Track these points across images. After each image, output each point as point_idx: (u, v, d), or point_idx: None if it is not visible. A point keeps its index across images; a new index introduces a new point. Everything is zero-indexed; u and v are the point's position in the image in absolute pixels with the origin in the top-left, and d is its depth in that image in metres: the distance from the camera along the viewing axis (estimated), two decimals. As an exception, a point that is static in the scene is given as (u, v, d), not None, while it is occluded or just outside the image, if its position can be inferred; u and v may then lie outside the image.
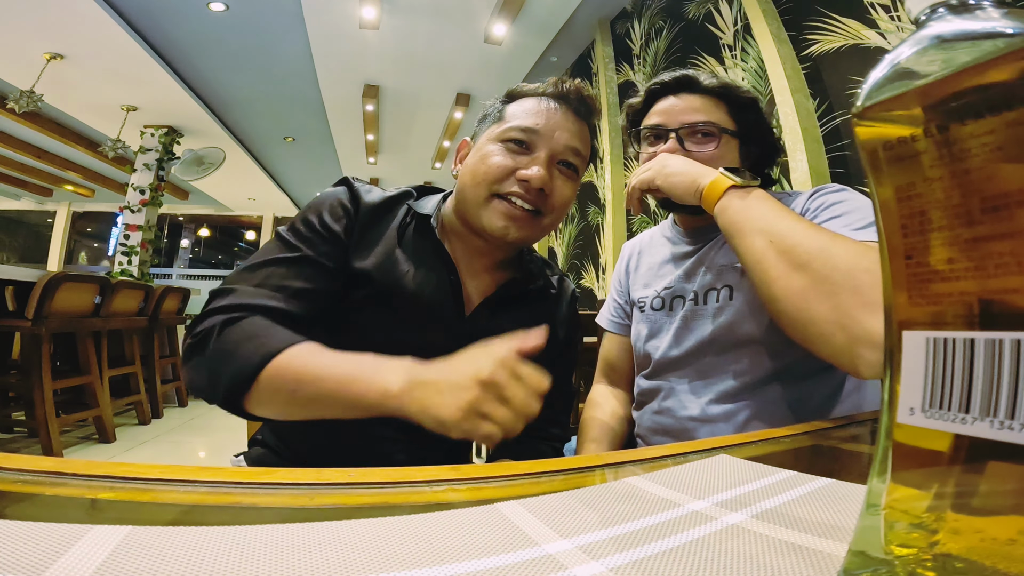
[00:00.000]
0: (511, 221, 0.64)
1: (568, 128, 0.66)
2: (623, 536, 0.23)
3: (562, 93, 0.68)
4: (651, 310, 0.82)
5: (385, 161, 6.39)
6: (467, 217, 0.67)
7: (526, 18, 3.33)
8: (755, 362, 0.70)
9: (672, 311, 0.79)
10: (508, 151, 0.65)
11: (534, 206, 0.64)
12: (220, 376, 0.51)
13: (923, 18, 0.19)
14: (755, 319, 0.70)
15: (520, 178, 0.63)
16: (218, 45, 3.83)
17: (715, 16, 2.33)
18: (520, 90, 0.70)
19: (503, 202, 0.64)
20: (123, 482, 0.30)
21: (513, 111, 0.67)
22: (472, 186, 0.65)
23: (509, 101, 0.70)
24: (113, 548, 0.19)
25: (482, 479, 0.34)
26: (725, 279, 0.74)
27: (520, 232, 0.65)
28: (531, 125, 0.65)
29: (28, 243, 9.61)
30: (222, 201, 8.52)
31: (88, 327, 2.51)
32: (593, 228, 3.42)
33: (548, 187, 0.64)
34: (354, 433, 0.65)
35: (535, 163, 0.64)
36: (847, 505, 0.26)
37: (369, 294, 0.64)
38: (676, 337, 0.77)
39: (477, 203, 0.65)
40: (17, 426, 2.54)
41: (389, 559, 0.20)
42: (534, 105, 0.67)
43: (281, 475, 0.32)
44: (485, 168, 0.64)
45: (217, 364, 0.52)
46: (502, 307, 0.70)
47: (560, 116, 0.66)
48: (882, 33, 1.53)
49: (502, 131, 0.66)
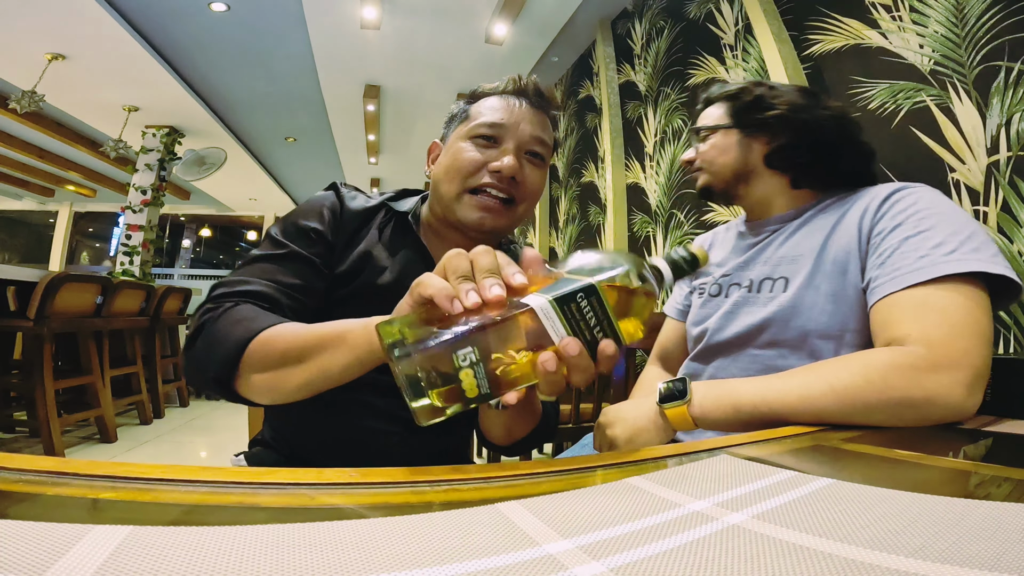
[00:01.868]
0: (486, 212, 0.67)
1: (531, 120, 0.70)
2: (624, 536, 0.23)
3: (521, 88, 0.72)
4: (708, 296, 0.85)
5: (386, 161, 6.39)
6: (443, 213, 0.71)
7: (527, 18, 3.33)
8: (797, 356, 0.70)
9: (726, 297, 0.82)
10: (477, 146, 0.68)
11: (508, 195, 0.68)
12: (210, 358, 0.53)
13: None
14: (806, 313, 0.70)
15: (492, 169, 0.67)
16: (219, 45, 3.83)
17: (716, 16, 2.33)
18: (482, 90, 0.74)
19: (476, 196, 0.67)
20: (124, 482, 0.30)
21: (478, 109, 0.71)
22: (446, 182, 0.69)
23: (473, 101, 0.73)
24: (114, 548, 0.19)
25: (482, 479, 0.34)
26: (782, 270, 0.75)
27: (495, 222, 0.68)
28: (497, 120, 0.68)
29: (30, 243, 9.62)
30: (223, 201, 8.53)
31: (90, 327, 2.52)
32: (593, 228, 3.42)
33: (519, 175, 0.68)
34: (350, 429, 0.66)
35: (504, 154, 0.67)
36: (847, 505, 0.26)
37: (352, 291, 0.67)
38: (723, 322, 0.79)
39: (451, 198, 0.68)
40: (19, 426, 2.55)
41: (389, 559, 0.20)
42: (497, 102, 0.70)
43: (281, 475, 0.32)
44: (457, 164, 0.68)
45: (208, 348, 0.54)
46: None
47: (522, 110, 0.70)
48: (883, 33, 1.52)
49: (470, 128, 0.69)
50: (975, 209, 1.25)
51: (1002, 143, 1.20)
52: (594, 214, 3.42)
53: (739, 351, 0.76)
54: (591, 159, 3.51)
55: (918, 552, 0.21)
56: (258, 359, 0.51)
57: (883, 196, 0.69)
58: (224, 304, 0.58)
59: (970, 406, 0.52)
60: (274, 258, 0.65)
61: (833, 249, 0.70)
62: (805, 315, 0.70)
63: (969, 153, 1.28)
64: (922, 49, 1.41)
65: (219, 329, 0.55)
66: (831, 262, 0.69)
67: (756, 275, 0.79)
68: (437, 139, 0.77)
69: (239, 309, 0.57)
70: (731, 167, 0.83)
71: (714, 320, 0.81)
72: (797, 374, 0.57)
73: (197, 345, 0.56)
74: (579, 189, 3.69)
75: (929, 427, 0.51)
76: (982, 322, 0.55)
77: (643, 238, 2.83)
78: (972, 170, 1.27)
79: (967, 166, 1.28)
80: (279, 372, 0.50)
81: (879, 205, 0.68)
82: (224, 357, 0.52)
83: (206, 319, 0.56)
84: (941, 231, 0.60)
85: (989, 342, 0.54)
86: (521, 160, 0.69)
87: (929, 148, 1.36)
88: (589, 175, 3.51)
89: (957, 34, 1.33)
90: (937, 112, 1.35)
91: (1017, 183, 1.17)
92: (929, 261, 0.58)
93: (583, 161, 3.64)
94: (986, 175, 1.24)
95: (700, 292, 0.88)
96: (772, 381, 0.57)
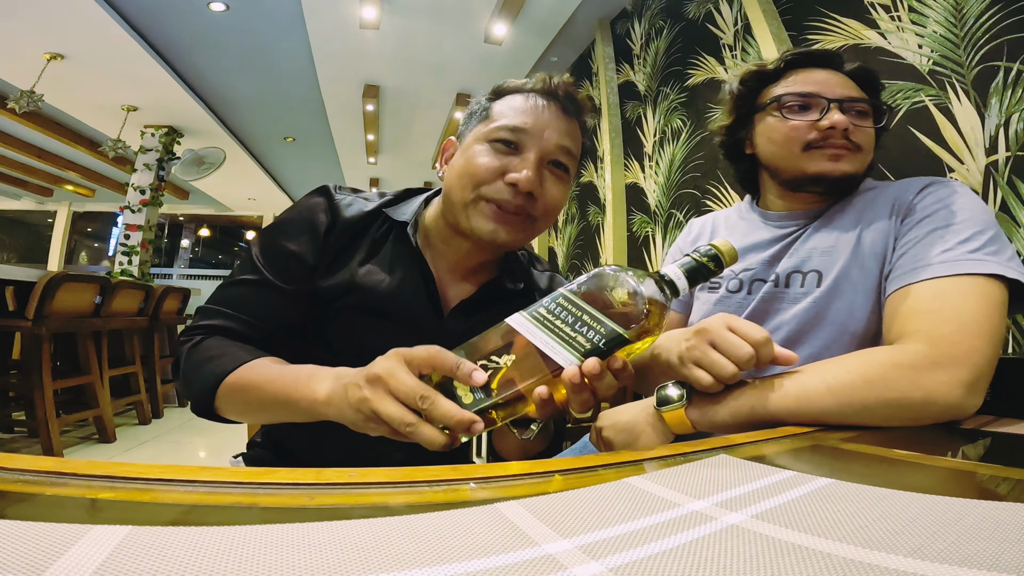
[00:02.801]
0: (500, 224, 0.62)
1: (558, 127, 0.63)
2: (623, 536, 0.23)
3: (551, 89, 0.64)
4: (727, 292, 0.79)
5: (385, 161, 6.39)
6: (454, 219, 0.65)
7: (526, 18, 3.33)
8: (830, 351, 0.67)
9: (751, 294, 0.77)
10: (496, 151, 0.62)
11: (525, 208, 0.62)
12: (189, 392, 0.59)
13: None
14: (843, 309, 0.68)
15: (508, 181, 0.60)
16: (218, 45, 3.82)
17: (715, 16, 2.33)
18: (507, 86, 0.67)
19: (491, 204, 0.61)
20: (123, 482, 0.30)
21: (500, 109, 0.64)
22: (459, 188, 0.63)
23: (496, 98, 0.66)
24: (113, 548, 0.19)
25: (482, 479, 0.34)
26: (813, 263, 0.72)
27: (510, 235, 0.62)
28: (519, 124, 0.62)
29: (28, 243, 9.61)
30: (222, 201, 8.52)
31: (88, 327, 2.51)
32: (593, 228, 3.42)
33: (537, 191, 0.61)
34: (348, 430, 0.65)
35: (524, 165, 0.61)
36: (846, 505, 0.26)
37: (347, 304, 0.65)
38: (751, 319, 0.73)
39: (463, 204, 0.63)
40: (17, 426, 2.54)
41: (389, 559, 0.20)
42: (522, 103, 0.64)
43: (281, 475, 0.32)
44: (472, 169, 0.62)
45: (185, 385, 0.59)
46: (481, 308, 0.69)
47: (549, 114, 0.63)
48: (882, 33, 1.52)
49: (489, 130, 0.63)
50: (974, 209, 1.26)
51: (1000, 143, 1.21)
52: (593, 214, 3.42)
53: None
54: (590, 159, 3.51)
55: (917, 552, 0.21)
56: (227, 402, 0.56)
57: (919, 187, 0.68)
58: (194, 337, 0.61)
59: (970, 405, 0.51)
60: (249, 284, 0.64)
61: (868, 241, 0.68)
62: (841, 311, 0.67)
63: (968, 153, 1.28)
64: (921, 49, 1.41)
65: (190, 366, 0.59)
66: (868, 254, 0.68)
67: (782, 269, 0.74)
68: (453, 137, 0.72)
69: (207, 344, 0.60)
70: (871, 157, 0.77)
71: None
72: (796, 374, 0.56)
73: (179, 375, 0.61)
74: (578, 189, 3.69)
75: (928, 427, 0.51)
76: (994, 321, 0.54)
77: (642, 238, 2.83)
78: (971, 170, 1.27)
79: (966, 166, 1.28)
80: (250, 414, 0.59)
81: (914, 196, 0.67)
82: (199, 395, 0.57)
83: (182, 350, 0.61)
84: (969, 227, 0.60)
85: (997, 343, 0.53)
86: (542, 172, 0.62)
87: (928, 148, 1.36)
88: (588, 175, 3.51)
89: (956, 34, 1.33)
90: (936, 112, 1.35)
91: (1016, 183, 1.18)
92: (952, 256, 0.58)
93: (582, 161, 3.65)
94: (984, 175, 1.24)
95: (712, 288, 0.82)
96: (770, 381, 0.56)
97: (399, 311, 0.65)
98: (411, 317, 0.65)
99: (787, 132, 0.75)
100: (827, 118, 0.71)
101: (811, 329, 0.70)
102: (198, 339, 0.61)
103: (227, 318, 0.63)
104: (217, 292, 0.66)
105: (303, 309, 0.65)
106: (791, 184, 0.77)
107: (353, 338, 0.65)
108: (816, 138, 0.72)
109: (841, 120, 0.70)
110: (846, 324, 0.67)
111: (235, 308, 0.63)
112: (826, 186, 0.74)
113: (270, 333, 0.63)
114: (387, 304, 0.64)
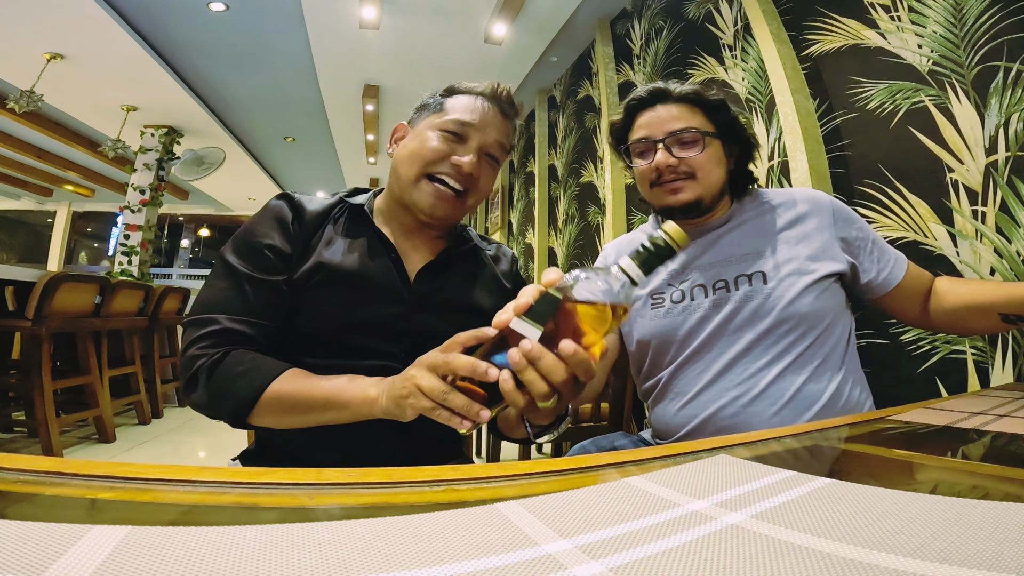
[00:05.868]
0: (439, 200, 0.72)
1: (497, 126, 0.75)
2: (623, 536, 0.23)
3: (495, 95, 0.77)
4: (670, 303, 0.85)
5: (385, 161, 6.39)
6: (400, 193, 0.75)
7: (526, 18, 3.33)
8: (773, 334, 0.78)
9: (692, 300, 0.83)
10: (444, 139, 0.73)
11: (463, 187, 0.73)
12: (222, 411, 0.62)
13: None
14: (777, 297, 0.78)
15: (454, 163, 0.72)
16: (218, 45, 3.82)
17: (715, 16, 2.33)
18: (461, 87, 0.78)
19: (433, 183, 0.72)
20: (123, 482, 0.30)
21: (452, 105, 0.75)
22: (408, 165, 0.73)
23: (449, 95, 0.78)
24: (113, 548, 0.19)
25: (482, 479, 0.34)
26: (753, 266, 0.82)
27: (446, 211, 0.73)
28: (468, 119, 0.74)
29: (28, 243, 9.60)
30: (222, 201, 8.51)
31: (88, 327, 2.51)
32: (593, 228, 3.42)
33: (476, 173, 0.73)
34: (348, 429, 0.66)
35: (468, 152, 0.73)
36: (846, 505, 0.26)
37: (320, 281, 0.70)
38: (702, 324, 0.82)
39: (410, 180, 0.73)
40: (17, 426, 2.54)
41: (389, 559, 0.20)
42: (471, 102, 0.75)
43: (281, 475, 0.32)
44: (423, 151, 0.73)
45: (217, 402, 0.61)
46: (444, 269, 0.77)
47: (491, 114, 0.75)
48: (882, 33, 1.52)
49: (441, 121, 0.74)
50: (973, 209, 1.25)
51: (1000, 143, 1.21)
52: (593, 214, 3.42)
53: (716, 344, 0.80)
54: (590, 159, 3.51)
55: (917, 551, 0.21)
56: (266, 411, 0.60)
57: (828, 201, 0.87)
58: (210, 351, 0.63)
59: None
60: (233, 285, 0.67)
61: (792, 243, 0.82)
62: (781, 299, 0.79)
63: (967, 153, 1.28)
64: (921, 49, 1.41)
65: (221, 383, 0.61)
66: (806, 257, 0.81)
67: (727, 275, 0.82)
68: (404, 122, 0.81)
69: (233, 360, 0.62)
70: (722, 180, 0.85)
71: (689, 326, 0.83)
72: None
73: (200, 394, 0.62)
74: (578, 189, 3.69)
75: (928, 427, 0.51)
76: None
77: (642, 238, 2.83)
78: (970, 170, 1.27)
79: (965, 166, 1.28)
80: (288, 419, 0.61)
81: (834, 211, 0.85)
82: (236, 408, 0.60)
83: (199, 366, 0.62)
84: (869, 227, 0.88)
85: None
86: (481, 159, 0.74)
87: (927, 148, 1.36)
88: (588, 175, 3.51)
89: (956, 34, 1.33)
90: (935, 112, 1.35)
91: (1015, 183, 1.17)
92: (895, 251, 0.88)
93: (582, 161, 3.64)
94: (984, 175, 1.24)
95: (655, 303, 0.86)
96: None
97: (369, 280, 0.71)
98: (380, 285, 0.72)
99: (639, 175, 0.88)
100: (655, 160, 0.83)
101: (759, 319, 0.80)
102: (216, 354, 0.62)
103: (229, 323, 0.65)
104: (202, 298, 0.68)
105: (287, 301, 0.69)
106: (663, 214, 0.89)
107: (335, 310, 0.69)
108: (655, 178, 0.85)
109: (662, 160, 0.82)
110: (788, 309, 0.78)
111: (228, 311, 0.65)
112: (681, 214, 0.85)
113: (267, 328, 0.67)
114: (356, 275, 0.71)
